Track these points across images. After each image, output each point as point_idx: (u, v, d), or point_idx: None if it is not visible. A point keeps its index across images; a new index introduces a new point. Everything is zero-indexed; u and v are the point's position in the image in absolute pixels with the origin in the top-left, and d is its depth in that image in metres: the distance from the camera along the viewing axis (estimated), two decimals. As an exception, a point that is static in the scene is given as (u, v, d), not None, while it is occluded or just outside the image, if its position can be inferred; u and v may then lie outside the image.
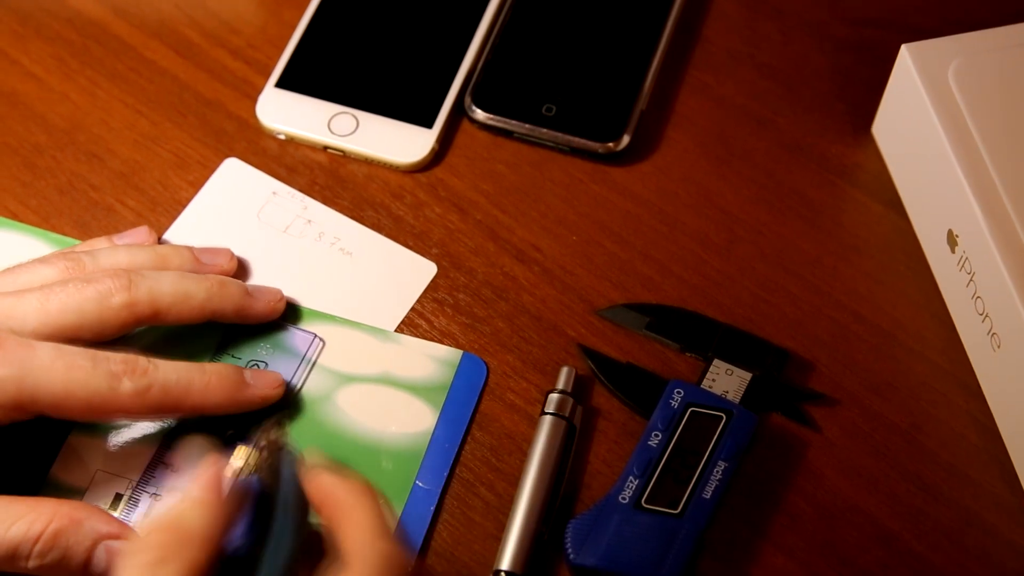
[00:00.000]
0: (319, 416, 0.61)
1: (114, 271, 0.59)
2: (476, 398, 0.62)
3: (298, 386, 0.62)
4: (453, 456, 0.61)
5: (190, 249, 0.63)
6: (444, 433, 0.61)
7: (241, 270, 0.65)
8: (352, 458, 0.60)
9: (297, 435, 0.61)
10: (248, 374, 0.59)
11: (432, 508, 0.59)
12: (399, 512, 0.59)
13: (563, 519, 0.59)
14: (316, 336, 0.63)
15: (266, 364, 0.62)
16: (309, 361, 0.63)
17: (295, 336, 0.63)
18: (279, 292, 0.63)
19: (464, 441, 0.61)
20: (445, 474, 0.60)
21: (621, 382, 0.62)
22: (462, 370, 0.63)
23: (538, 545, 0.58)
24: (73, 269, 0.60)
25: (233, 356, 0.62)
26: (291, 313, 0.64)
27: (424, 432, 0.61)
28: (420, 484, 0.60)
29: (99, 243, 0.63)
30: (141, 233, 0.64)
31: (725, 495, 0.60)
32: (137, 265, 0.61)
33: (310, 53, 0.71)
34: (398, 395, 0.62)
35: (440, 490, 0.60)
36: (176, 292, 0.59)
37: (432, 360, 0.63)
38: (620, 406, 0.62)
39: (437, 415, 0.62)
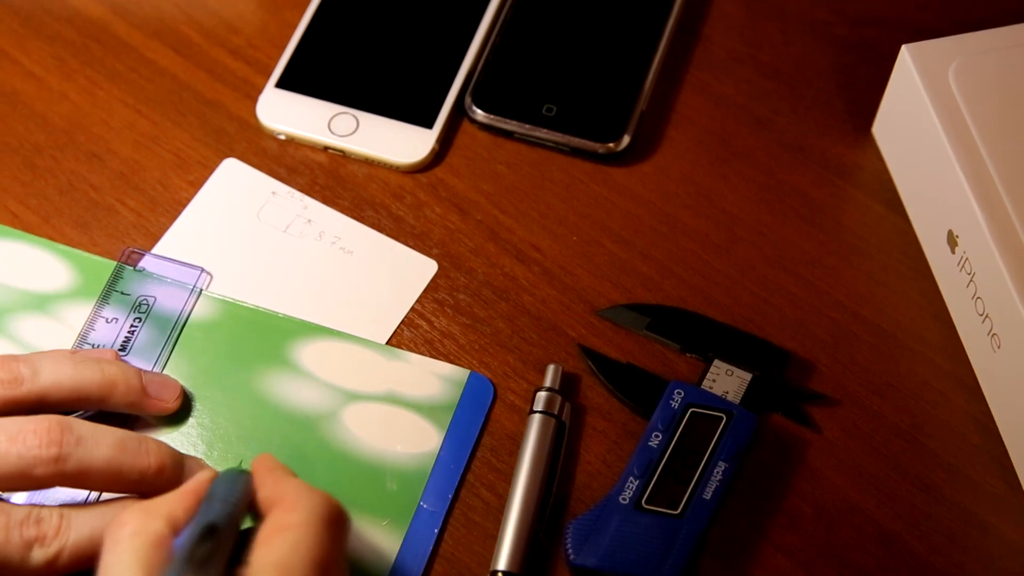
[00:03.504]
0: (325, 434, 0.61)
1: (48, 435, 0.54)
2: (483, 419, 0.62)
3: (187, 315, 0.63)
4: (458, 478, 0.60)
5: (139, 377, 0.60)
6: (449, 454, 0.61)
7: (242, 270, 0.65)
8: (357, 478, 0.60)
9: (303, 453, 0.61)
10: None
11: (436, 531, 0.59)
12: (403, 533, 0.59)
13: (558, 517, 0.59)
14: (203, 270, 0.64)
15: (155, 299, 0.63)
16: (198, 291, 0.64)
17: (182, 271, 0.65)
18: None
19: (470, 463, 0.61)
20: (450, 496, 0.60)
21: (621, 382, 0.62)
22: (468, 390, 0.62)
23: (535, 544, 0.58)
24: (7, 384, 0.57)
25: (122, 293, 0.63)
26: (292, 328, 0.64)
27: (430, 453, 0.61)
28: (424, 506, 0.59)
29: (57, 354, 0.59)
30: (105, 353, 0.61)
31: (725, 495, 0.60)
32: (82, 390, 0.58)
33: (311, 53, 0.71)
34: (404, 414, 0.62)
35: (445, 512, 0.59)
36: (109, 467, 0.55)
37: (438, 379, 0.63)
38: (620, 406, 0.62)
39: (443, 435, 0.61)
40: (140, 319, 0.63)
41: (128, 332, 0.63)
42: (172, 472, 0.57)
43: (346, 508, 0.52)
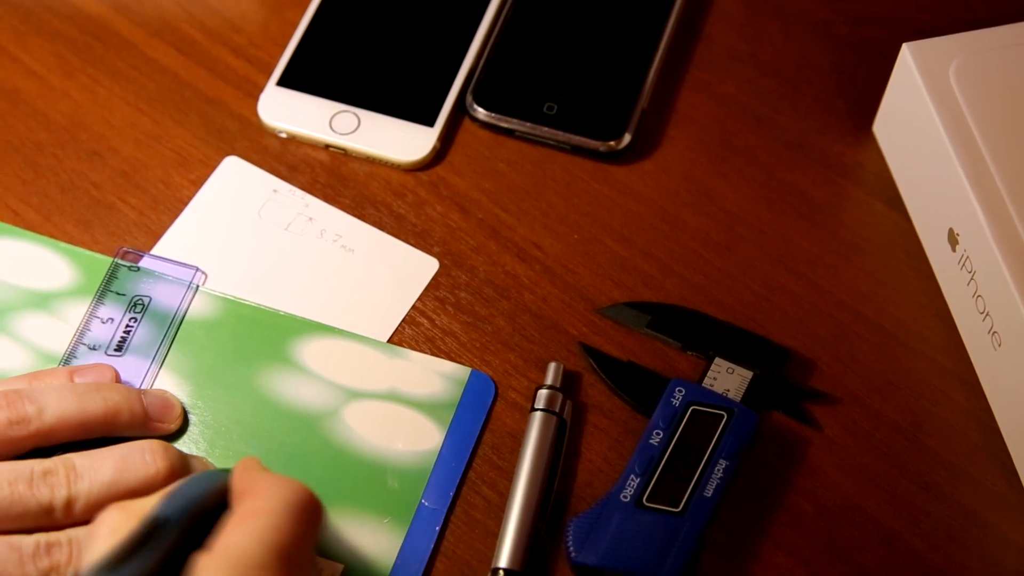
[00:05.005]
0: (326, 432, 0.61)
1: (54, 476, 0.56)
2: (484, 417, 0.62)
3: (183, 313, 0.63)
4: (460, 476, 0.60)
5: (141, 402, 0.60)
6: (451, 452, 0.61)
7: (243, 268, 0.65)
8: (358, 476, 0.60)
9: (304, 451, 0.61)
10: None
11: (437, 528, 0.59)
12: (404, 531, 0.59)
13: (559, 515, 0.60)
14: (198, 269, 0.64)
15: (151, 298, 0.63)
16: (194, 287, 0.64)
17: (177, 269, 0.64)
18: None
19: (471, 461, 0.61)
20: (451, 494, 0.60)
21: (622, 380, 0.63)
22: (470, 388, 0.62)
23: (536, 542, 0.59)
24: (15, 426, 0.57)
25: (117, 293, 0.63)
26: (293, 326, 0.64)
27: (431, 450, 0.61)
28: (426, 503, 0.60)
29: (56, 376, 0.60)
30: (104, 372, 0.61)
31: (726, 493, 0.60)
32: (88, 424, 0.58)
33: (312, 51, 0.71)
34: (405, 412, 0.62)
35: (446, 510, 0.59)
36: (115, 489, 0.56)
37: (439, 377, 0.63)
38: (621, 404, 0.62)
39: (444, 433, 0.61)
40: (136, 318, 0.63)
41: (124, 332, 0.63)
42: (181, 471, 0.57)
43: (319, 497, 0.52)
